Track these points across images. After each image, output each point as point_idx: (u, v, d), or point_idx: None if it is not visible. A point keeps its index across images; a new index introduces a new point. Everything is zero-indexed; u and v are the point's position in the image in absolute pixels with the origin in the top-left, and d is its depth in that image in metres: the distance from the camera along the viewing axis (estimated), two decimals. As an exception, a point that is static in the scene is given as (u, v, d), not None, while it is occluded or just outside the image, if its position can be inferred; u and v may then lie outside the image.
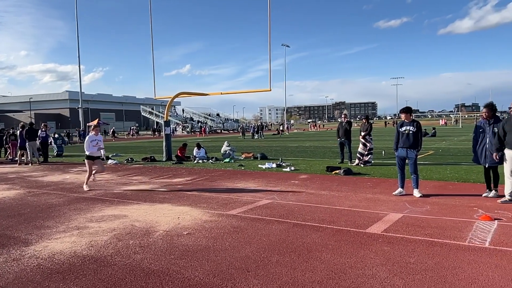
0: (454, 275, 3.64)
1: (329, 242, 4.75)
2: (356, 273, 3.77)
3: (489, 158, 6.99)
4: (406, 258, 4.14)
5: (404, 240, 4.75)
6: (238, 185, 9.25)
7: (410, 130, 7.42)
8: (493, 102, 7.14)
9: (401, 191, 7.61)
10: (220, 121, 78.78)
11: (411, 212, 6.15)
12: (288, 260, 4.17)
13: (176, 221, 5.96)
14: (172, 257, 4.33)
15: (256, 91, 16.64)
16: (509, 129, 6.55)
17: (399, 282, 3.52)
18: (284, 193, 8.12)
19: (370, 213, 6.20)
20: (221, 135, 53.30)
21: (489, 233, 4.90)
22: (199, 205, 7.06)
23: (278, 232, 5.22)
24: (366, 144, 12.72)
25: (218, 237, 5.07)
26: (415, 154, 7.42)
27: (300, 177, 10.42)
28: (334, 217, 6.00)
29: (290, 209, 6.57)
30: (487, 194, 7.14)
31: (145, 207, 7.05)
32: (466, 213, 5.96)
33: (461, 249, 4.35)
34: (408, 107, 7.72)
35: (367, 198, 7.37)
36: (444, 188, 8.24)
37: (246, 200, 7.40)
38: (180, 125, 67.83)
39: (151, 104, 78.16)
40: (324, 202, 7.14)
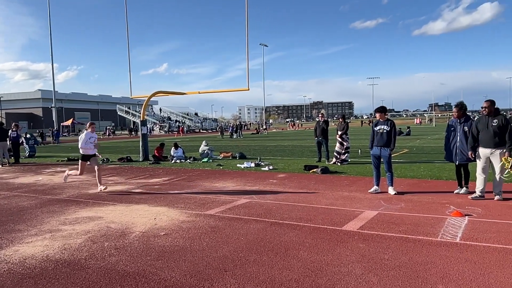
0: (426, 270, 3.74)
1: (306, 240, 4.79)
2: (332, 270, 3.82)
3: (459, 156, 7.21)
4: (380, 254, 4.22)
5: (379, 237, 4.84)
6: (216, 185, 9.22)
7: (384, 129, 7.57)
8: (463, 102, 7.37)
9: (377, 189, 7.75)
10: (198, 120, 78.28)
11: (386, 210, 6.28)
12: (266, 259, 4.19)
13: (152, 221, 5.89)
14: (148, 258, 4.28)
15: (234, 90, 16.62)
16: (481, 128, 6.77)
17: (373, 279, 3.58)
18: (262, 192, 8.14)
19: (346, 210, 6.29)
20: (200, 135, 52.98)
21: (460, 229, 5.05)
22: (176, 206, 7.00)
23: (256, 231, 5.23)
24: (343, 143, 12.90)
25: (196, 237, 5.04)
26: (389, 153, 7.57)
27: (278, 176, 10.47)
28: (311, 215, 6.05)
29: (268, 208, 6.59)
30: (459, 191, 7.36)
31: (121, 208, 6.93)
32: (439, 210, 6.12)
33: (433, 245, 4.47)
34: (382, 107, 7.87)
35: (343, 196, 7.48)
36: (418, 185, 8.44)
37: (224, 200, 7.38)
38: (157, 124, 67.00)
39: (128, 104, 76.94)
40: (301, 200, 7.19)
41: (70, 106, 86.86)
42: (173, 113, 78.76)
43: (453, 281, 3.47)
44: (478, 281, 3.44)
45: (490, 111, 6.73)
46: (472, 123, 7.14)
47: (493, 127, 6.59)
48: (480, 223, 5.29)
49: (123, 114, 71.84)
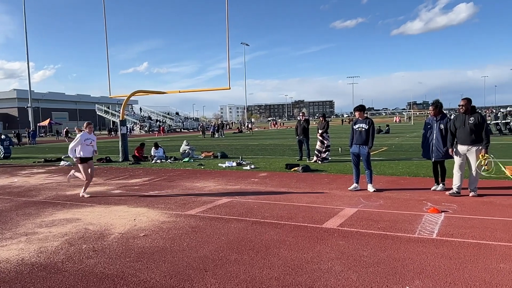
0: (404, 266, 3.81)
1: (287, 239, 4.81)
2: (312, 267, 3.85)
3: (435, 153, 7.38)
4: (360, 251, 4.28)
5: (358, 234, 4.91)
6: (197, 185, 9.17)
7: (363, 128, 7.67)
8: (439, 100, 7.54)
9: (356, 186, 7.85)
10: (179, 120, 77.64)
11: (365, 207, 6.37)
12: (246, 258, 4.19)
13: (132, 223, 5.81)
14: (127, 260, 4.22)
15: (215, 89, 16.55)
16: (459, 126, 6.93)
17: (353, 275, 3.63)
18: (244, 191, 8.13)
19: (326, 208, 6.35)
20: (181, 134, 52.54)
21: (436, 225, 5.17)
22: (156, 206, 6.92)
23: (237, 231, 5.22)
24: (324, 141, 13.02)
25: (176, 237, 4.99)
26: (367, 151, 7.67)
27: (260, 175, 10.49)
28: (292, 213, 6.09)
29: (249, 207, 6.60)
30: (435, 188, 7.53)
31: (100, 209, 6.81)
32: (416, 207, 6.25)
33: (411, 241, 4.56)
34: (361, 105, 7.97)
35: (324, 194, 7.55)
36: (396, 182, 8.60)
37: (205, 200, 7.34)
38: (137, 124, 66.14)
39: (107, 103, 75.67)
40: (282, 199, 7.22)
41: (47, 106, 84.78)
42: (153, 113, 77.87)
43: (429, 276, 3.55)
44: (453, 276, 3.52)
45: (467, 109, 6.89)
46: (447, 120, 7.32)
47: (469, 124, 6.76)
48: (455, 219, 5.42)
49: (102, 114, 70.59)
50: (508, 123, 26.80)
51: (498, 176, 8.28)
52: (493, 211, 5.76)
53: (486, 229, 4.87)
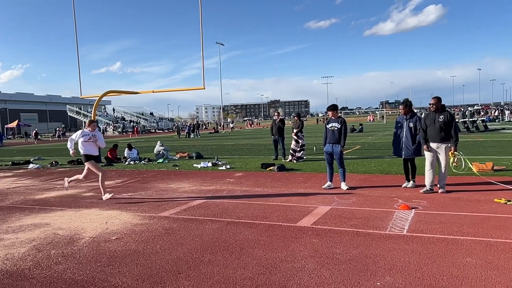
0: (375, 262, 3.88)
1: (261, 238, 4.82)
2: (286, 266, 3.87)
3: (405, 151, 7.56)
4: (333, 249, 4.33)
5: (331, 232, 4.97)
6: (171, 186, 9.05)
7: (335, 127, 7.77)
8: (409, 99, 7.74)
9: (330, 184, 7.96)
10: (154, 120, 76.59)
11: (338, 204, 6.46)
12: (221, 258, 4.16)
13: (103, 226, 5.68)
14: (98, 265, 4.11)
15: (189, 89, 16.40)
16: (429, 123, 7.12)
17: (325, 273, 3.67)
18: (219, 191, 8.09)
19: (301, 207, 6.40)
20: (155, 135, 51.83)
21: (407, 222, 5.29)
22: (129, 208, 6.79)
23: (211, 232, 5.19)
24: (298, 140, 13.13)
25: (149, 240, 4.91)
26: (340, 149, 7.78)
27: (236, 175, 10.47)
28: (267, 213, 6.10)
29: (224, 208, 6.57)
30: (406, 185, 7.71)
31: (70, 213, 6.63)
32: (388, 204, 6.39)
33: (382, 238, 4.65)
34: (334, 105, 8.08)
35: (298, 193, 7.61)
36: (368, 180, 8.76)
37: (179, 201, 7.26)
38: (110, 125, 64.79)
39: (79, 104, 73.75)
40: (258, 198, 7.23)
41: (15, 107, 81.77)
42: (127, 113, 76.50)
43: (399, 272, 3.63)
44: (422, 271, 3.61)
45: (437, 108, 7.09)
46: (417, 119, 7.51)
47: (439, 122, 6.95)
48: (425, 215, 5.57)
49: (73, 114, 68.81)
50: (475, 121, 27.80)
51: (465, 173, 8.57)
52: (461, 207, 5.96)
53: (454, 225, 5.03)
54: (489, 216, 5.37)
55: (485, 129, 27.18)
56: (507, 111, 53.62)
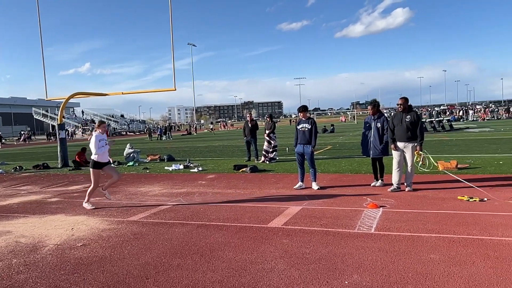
0: (343, 261, 3.93)
1: (232, 240, 4.79)
2: (256, 268, 3.86)
3: (373, 151, 7.73)
4: (302, 249, 4.36)
5: (302, 232, 5.00)
6: (141, 189, 8.88)
7: (306, 128, 7.85)
8: (376, 100, 7.92)
9: (301, 185, 8.02)
10: (124, 122, 75.06)
11: (309, 204, 6.52)
12: (190, 262, 4.11)
13: (69, 232, 5.49)
14: (62, 273, 3.97)
15: (160, 90, 16.16)
16: (396, 123, 7.30)
17: (295, 273, 3.69)
18: (190, 194, 8.01)
19: (272, 207, 6.41)
20: (126, 137, 50.81)
21: (375, 220, 5.40)
22: (97, 213, 6.61)
23: (181, 235, 5.12)
24: (271, 141, 13.18)
25: (117, 245, 4.79)
26: (311, 150, 7.86)
27: (208, 177, 10.39)
28: (238, 214, 6.08)
29: (195, 210, 6.50)
30: (375, 184, 7.88)
31: (34, 220, 6.38)
32: (357, 202, 6.50)
33: (351, 237, 4.72)
34: (304, 106, 8.15)
35: (270, 194, 7.63)
36: (339, 180, 8.89)
37: (149, 205, 7.13)
38: (79, 128, 63.02)
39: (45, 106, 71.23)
40: (229, 200, 7.20)
41: (-24, 109, 78.14)
42: (96, 115, 74.63)
43: (367, 270, 3.69)
44: (389, 269, 3.69)
45: (404, 108, 7.27)
46: (384, 119, 7.69)
47: (406, 122, 7.13)
48: (392, 214, 5.70)
49: (40, 117, 66.45)
50: (441, 120, 28.79)
51: (431, 171, 8.83)
52: (426, 205, 6.14)
53: (419, 222, 5.17)
54: (452, 213, 5.55)
55: (450, 129, 28.19)
56: (471, 111, 55.87)
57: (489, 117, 49.10)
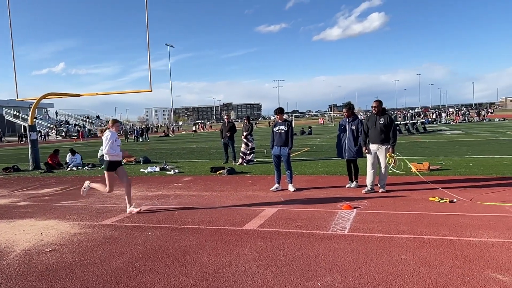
0: (317, 263, 3.96)
1: (206, 243, 4.75)
2: (229, 271, 3.84)
3: (348, 152, 7.83)
4: (277, 251, 4.36)
5: (276, 234, 5.01)
6: (115, 192, 8.66)
7: (283, 130, 7.89)
8: (351, 103, 8.03)
9: (278, 186, 8.05)
10: (100, 123, 73.51)
11: (285, 206, 6.54)
12: (163, 266, 4.05)
13: (38, 237, 5.32)
14: (29, 280, 3.84)
15: (136, 91, 15.93)
16: (371, 125, 7.42)
17: (268, 276, 3.68)
18: (165, 197, 7.90)
19: (248, 210, 6.40)
20: (102, 139, 49.78)
21: (348, 221, 5.46)
22: (68, 217, 6.43)
23: (155, 239, 5.04)
24: (248, 143, 13.18)
25: (87, 250, 4.67)
26: (288, 152, 7.91)
27: (184, 179, 10.29)
28: (213, 217, 6.04)
29: (170, 213, 6.42)
30: (349, 185, 7.98)
31: (1, 225, 6.15)
32: (332, 204, 6.56)
33: (324, 238, 4.76)
34: (280, 108, 8.18)
35: (247, 196, 7.61)
36: (315, 181, 8.97)
37: (123, 208, 6.98)
38: (53, 129, 61.36)
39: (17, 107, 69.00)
40: (205, 203, 7.14)
41: None
42: (71, 117, 72.92)
43: (340, 271, 3.72)
44: (361, 270, 3.73)
45: (379, 110, 7.40)
46: (359, 121, 7.81)
47: (380, 125, 7.26)
48: (366, 215, 5.78)
49: (11, 118, 64.31)
50: (415, 123, 29.47)
51: (405, 172, 9.03)
52: (399, 206, 6.26)
53: (392, 223, 5.26)
54: (423, 214, 5.68)
55: (424, 131, 28.89)
56: (444, 114, 57.45)
57: (461, 119, 50.61)
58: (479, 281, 3.37)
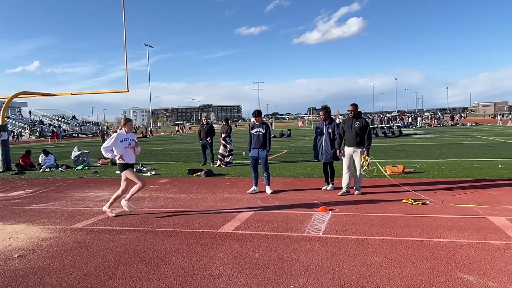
0: (291, 265, 3.97)
1: (180, 247, 4.70)
2: (203, 274, 3.80)
3: (324, 155, 7.91)
4: (251, 254, 4.35)
5: (252, 236, 5.00)
6: (89, 195, 8.51)
7: (260, 132, 7.90)
8: (327, 106, 8.11)
9: (255, 189, 8.04)
10: (76, 124, 71.98)
11: (261, 209, 6.54)
12: (135, 270, 3.97)
13: (6, 242, 5.14)
14: (-6, 286, 3.70)
15: (112, 92, 15.65)
16: (346, 129, 7.51)
17: (242, 279, 3.67)
18: (141, 199, 7.78)
19: (225, 212, 6.37)
20: (78, 140, 48.78)
21: (323, 223, 5.50)
22: (38, 221, 6.24)
23: (128, 242, 4.95)
24: (227, 145, 13.14)
25: (57, 255, 4.54)
26: (265, 154, 7.92)
27: (160, 181, 10.16)
28: (189, 220, 5.98)
29: (144, 216, 6.32)
30: (326, 187, 8.06)
31: (-33, 228, 5.91)
32: (308, 206, 6.60)
33: (299, 240, 4.78)
34: (258, 111, 8.19)
35: (224, 198, 7.58)
36: (292, 183, 9.01)
37: (96, 211, 6.84)
38: (26, 129, 59.61)
39: (-12, 106, 66.79)
40: (181, 205, 7.07)
41: None
42: (46, 116, 71.02)
43: (313, 274, 3.74)
44: (334, 272, 3.76)
45: (354, 114, 7.51)
46: (335, 124, 7.90)
47: (355, 128, 7.36)
48: (340, 217, 5.84)
49: (-18, 117, 62.09)
50: (391, 127, 30.07)
51: (380, 175, 9.18)
52: (373, 208, 6.35)
53: (366, 225, 5.33)
54: (396, 216, 5.79)
55: (400, 134, 29.51)
56: (419, 118, 58.76)
57: (436, 124, 51.93)
58: (448, 281, 3.45)
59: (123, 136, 6.23)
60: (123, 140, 6.19)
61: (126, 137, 6.25)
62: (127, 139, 6.25)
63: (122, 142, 6.17)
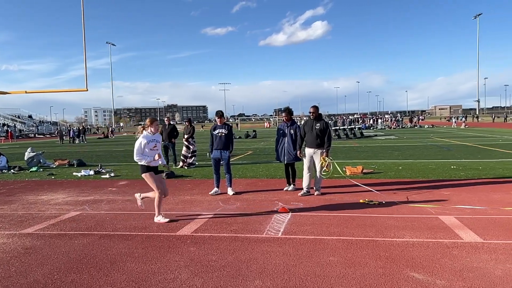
0: (248, 267, 3.95)
1: (136, 251, 4.57)
2: (158, 278, 3.72)
3: (287, 156, 7.98)
4: (209, 256, 4.30)
5: (210, 239, 4.95)
6: (42, 198, 8.13)
7: (223, 133, 7.85)
8: (289, 107, 8.19)
9: (217, 190, 7.98)
10: (33, 123, 68.80)
11: (222, 210, 6.49)
12: (86, 277, 3.82)
13: None
14: None
15: (70, 90, 15.06)
16: (307, 130, 7.60)
17: (198, 282, 3.61)
18: (98, 202, 7.52)
19: (184, 215, 6.27)
20: (35, 140, 46.64)
21: (283, 224, 5.54)
22: (-16, 226, 5.88)
23: (81, 247, 4.76)
24: (190, 146, 12.98)
25: (2, 263, 4.29)
26: (228, 155, 7.89)
27: (119, 183, 9.87)
28: (147, 223, 5.84)
29: (100, 220, 6.11)
30: (287, 188, 8.13)
31: None
32: (269, 207, 6.62)
33: (258, 241, 4.78)
34: (220, 111, 8.14)
35: (184, 200, 7.47)
36: (255, 185, 9.02)
37: (49, 215, 6.54)
38: (-22, 128, 56.30)
39: None
40: (139, 208, 6.88)
41: None
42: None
43: (269, 275, 3.75)
44: (290, 272, 3.79)
45: (315, 116, 7.62)
46: (296, 126, 7.99)
47: (316, 129, 7.48)
48: (300, 217, 5.90)
49: None
50: (352, 128, 30.85)
51: (340, 176, 9.36)
52: (331, 208, 6.47)
53: (324, 225, 5.41)
54: (353, 216, 5.92)
55: (361, 136, 30.32)
56: (380, 120, 60.67)
57: (395, 126, 53.81)
58: (398, 280, 3.56)
59: (149, 138, 5.82)
60: (150, 142, 5.81)
61: (152, 138, 5.86)
62: (153, 140, 5.86)
63: (149, 143, 5.80)
